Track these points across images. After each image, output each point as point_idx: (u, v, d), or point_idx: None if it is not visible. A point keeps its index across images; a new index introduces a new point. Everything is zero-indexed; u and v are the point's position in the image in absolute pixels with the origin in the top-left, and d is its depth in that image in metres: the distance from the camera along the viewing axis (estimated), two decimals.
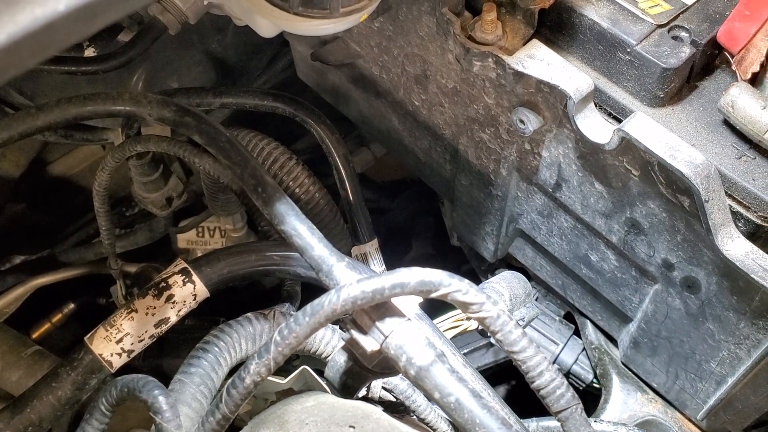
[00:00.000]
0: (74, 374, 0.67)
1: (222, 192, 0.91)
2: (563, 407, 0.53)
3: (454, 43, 0.74)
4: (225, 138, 0.65)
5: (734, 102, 0.64)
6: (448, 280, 0.54)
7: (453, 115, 0.86)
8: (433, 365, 0.54)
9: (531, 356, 0.54)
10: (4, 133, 0.65)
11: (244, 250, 0.73)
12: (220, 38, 1.11)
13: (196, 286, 0.70)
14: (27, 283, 1.14)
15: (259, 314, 0.73)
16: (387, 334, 0.55)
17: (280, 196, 0.61)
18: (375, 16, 0.83)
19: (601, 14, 0.69)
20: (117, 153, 0.82)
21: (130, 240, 1.08)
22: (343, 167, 0.88)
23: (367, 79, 0.97)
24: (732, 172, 0.65)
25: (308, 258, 0.60)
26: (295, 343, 0.54)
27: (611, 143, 0.67)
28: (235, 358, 0.69)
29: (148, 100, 0.67)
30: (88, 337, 0.68)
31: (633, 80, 0.69)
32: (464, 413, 0.52)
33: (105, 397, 0.62)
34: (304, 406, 0.60)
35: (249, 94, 0.87)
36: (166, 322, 0.70)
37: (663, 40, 0.68)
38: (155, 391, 0.59)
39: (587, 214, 0.78)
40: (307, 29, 0.66)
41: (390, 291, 0.53)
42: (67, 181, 1.22)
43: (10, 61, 0.35)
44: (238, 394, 0.55)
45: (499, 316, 0.54)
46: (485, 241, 0.97)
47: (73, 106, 0.66)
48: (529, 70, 0.69)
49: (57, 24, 0.36)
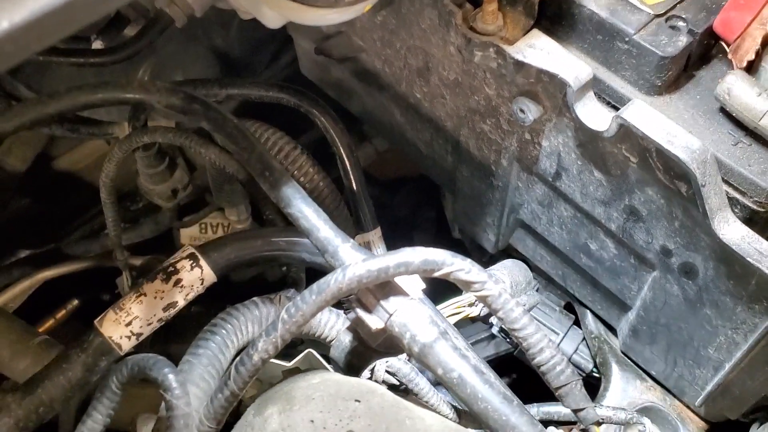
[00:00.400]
0: (84, 356, 0.69)
1: (227, 182, 0.93)
2: (563, 383, 0.55)
3: (456, 34, 0.76)
4: (232, 124, 0.67)
5: (730, 90, 0.66)
6: (451, 260, 0.55)
7: (454, 106, 0.87)
8: (437, 342, 0.55)
9: (532, 333, 0.55)
10: (16, 119, 0.67)
11: (251, 236, 0.75)
12: (224, 33, 1.12)
13: (203, 270, 0.72)
14: (33, 276, 1.15)
15: (266, 298, 0.74)
16: (391, 312, 0.57)
17: (287, 180, 0.62)
18: (378, 9, 0.85)
19: (600, 4, 0.71)
20: (124, 144, 0.84)
21: (136, 232, 1.10)
22: (347, 156, 0.89)
23: (369, 73, 0.98)
24: (728, 159, 0.66)
25: (314, 240, 0.61)
26: (302, 320, 0.56)
27: (610, 130, 0.68)
28: (242, 340, 0.71)
29: (157, 88, 0.69)
30: (98, 320, 0.70)
31: (631, 69, 0.71)
32: (467, 388, 0.54)
33: (116, 375, 0.63)
34: (310, 382, 0.61)
35: (254, 85, 0.89)
36: (174, 305, 0.71)
37: (660, 29, 0.69)
38: (165, 369, 0.60)
39: (587, 202, 0.79)
40: (313, 19, 0.67)
41: (394, 270, 0.55)
42: (73, 175, 1.23)
43: (32, 37, 0.37)
44: (246, 371, 0.57)
45: (501, 295, 0.55)
46: (486, 233, 0.99)
47: (84, 94, 0.68)
48: (529, 59, 0.71)
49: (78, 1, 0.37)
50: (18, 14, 0.35)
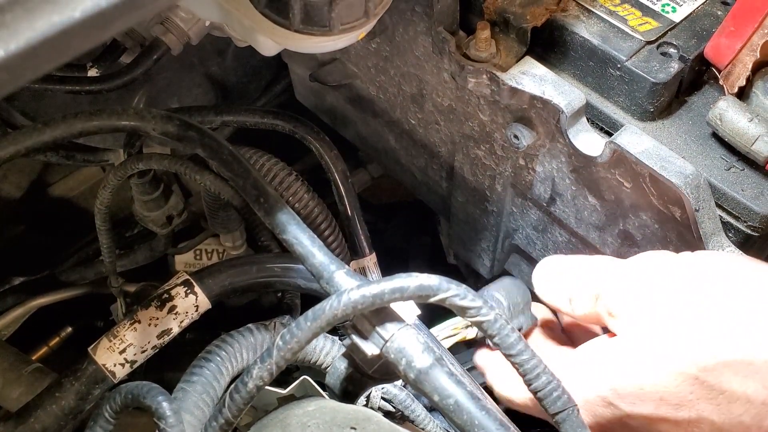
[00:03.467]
0: (78, 384, 0.68)
1: (222, 209, 0.93)
2: (560, 409, 0.54)
3: (450, 61, 0.76)
4: (227, 151, 0.67)
5: (722, 115, 0.66)
6: (446, 285, 0.55)
7: (449, 132, 0.88)
8: (432, 368, 0.55)
9: (528, 359, 0.55)
10: (12, 147, 0.67)
11: (246, 262, 0.75)
12: (220, 61, 1.13)
13: (198, 297, 0.71)
14: (27, 304, 1.14)
15: (260, 325, 0.74)
16: (387, 338, 0.56)
17: (282, 206, 0.62)
18: (372, 37, 0.86)
19: (592, 32, 0.72)
20: (119, 171, 0.84)
21: (130, 259, 1.09)
22: (342, 182, 0.90)
23: (364, 100, 0.99)
24: (722, 183, 0.67)
25: (309, 266, 0.61)
26: (297, 347, 0.56)
27: (603, 156, 0.69)
28: (236, 367, 0.70)
29: (152, 115, 0.69)
30: (91, 348, 0.69)
31: (624, 95, 0.71)
32: (463, 414, 0.54)
33: (109, 404, 0.62)
34: (305, 410, 0.61)
35: (249, 112, 0.89)
36: (169, 332, 0.71)
37: (652, 56, 0.70)
38: (159, 397, 0.60)
39: (581, 227, 0.80)
40: (308, 46, 0.68)
41: (390, 296, 0.55)
42: (68, 202, 1.23)
43: (28, 66, 0.37)
44: (241, 398, 0.56)
45: (496, 321, 0.55)
46: (481, 258, 0.99)
47: (80, 122, 0.68)
48: (522, 85, 0.71)
49: (73, 30, 0.37)
50: (14, 43, 0.35)
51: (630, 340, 0.61)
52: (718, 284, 0.59)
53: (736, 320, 0.56)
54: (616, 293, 0.63)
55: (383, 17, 0.72)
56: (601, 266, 0.68)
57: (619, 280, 0.64)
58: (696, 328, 0.57)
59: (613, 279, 0.65)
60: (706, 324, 0.57)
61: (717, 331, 0.56)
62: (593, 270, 0.67)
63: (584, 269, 0.68)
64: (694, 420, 0.58)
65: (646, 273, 0.63)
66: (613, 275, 0.65)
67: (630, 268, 0.65)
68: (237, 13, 0.67)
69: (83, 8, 0.37)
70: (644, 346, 0.59)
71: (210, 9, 0.70)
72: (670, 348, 0.58)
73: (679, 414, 0.58)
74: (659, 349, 0.58)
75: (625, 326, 0.62)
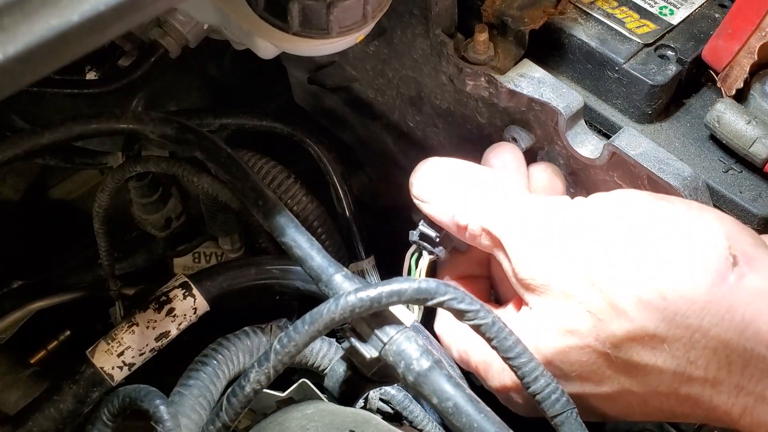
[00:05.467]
0: (76, 387, 0.68)
1: (221, 211, 0.93)
2: (559, 411, 0.54)
3: (448, 64, 0.76)
4: (226, 154, 0.67)
5: (720, 117, 0.66)
6: (444, 289, 0.55)
7: (447, 135, 0.88)
8: (431, 371, 0.55)
9: (526, 362, 0.55)
10: (10, 151, 0.67)
11: (244, 264, 0.75)
12: (218, 63, 1.13)
13: (196, 299, 0.71)
14: (25, 307, 1.14)
15: (257, 328, 0.74)
16: (386, 341, 0.57)
17: (280, 209, 0.62)
18: (370, 40, 0.86)
19: (590, 34, 0.72)
20: (117, 174, 0.84)
21: (129, 262, 1.09)
22: (340, 185, 0.90)
23: (362, 102, 0.99)
24: (720, 185, 0.67)
25: (308, 268, 0.61)
26: (295, 351, 0.56)
27: (601, 158, 0.69)
28: (233, 371, 0.70)
29: (151, 118, 0.69)
30: (89, 351, 0.69)
31: (621, 98, 0.71)
32: (462, 417, 0.54)
33: (107, 407, 0.62)
34: (304, 413, 0.61)
35: (247, 114, 0.89)
36: (167, 335, 0.71)
37: (650, 58, 0.70)
38: (156, 400, 0.60)
39: None
40: (306, 49, 0.68)
41: (387, 299, 0.55)
42: (66, 205, 1.23)
43: (26, 69, 0.37)
44: (238, 402, 0.56)
45: (494, 324, 0.55)
46: None
47: (78, 125, 0.68)
48: (520, 88, 0.71)
49: (71, 34, 0.38)
50: (12, 46, 0.35)
51: (536, 316, 0.61)
52: (615, 235, 0.59)
53: (637, 286, 0.56)
54: (508, 239, 0.62)
55: (381, 20, 0.72)
56: (492, 189, 0.66)
57: (513, 221, 0.63)
58: (599, 300, 0.57)
59: (505, 217, 0.63)
60: (610, 294, 0.56)
61: (624, 303, 0.56)
62: (484, 192, 0.66)
63: (474, 186, 0.67)
64: (617, 392, 0.59)
65: (545, 221, 0.62)
66: (507, 211, 0.64)
67: (527, 206, 0.64)
68: (235, 16, 0.67)
69: (81, 12, 0.37)
70: (550, 323, 0.59)
71: (208, 12, 0.70)
72: (578, 324, 0.58)
73: (602, 390, 0.59)
74: (567, 324, 0.58)
75: (532, 297, 0.61)
